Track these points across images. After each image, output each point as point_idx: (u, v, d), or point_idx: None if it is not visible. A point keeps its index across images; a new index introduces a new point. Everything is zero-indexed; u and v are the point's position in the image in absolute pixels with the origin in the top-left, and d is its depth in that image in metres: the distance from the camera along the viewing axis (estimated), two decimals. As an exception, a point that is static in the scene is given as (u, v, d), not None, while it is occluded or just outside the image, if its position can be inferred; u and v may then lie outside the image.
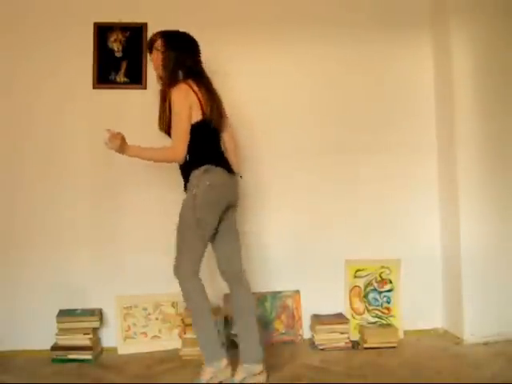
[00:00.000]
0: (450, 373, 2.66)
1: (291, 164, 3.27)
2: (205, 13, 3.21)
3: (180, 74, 2.53)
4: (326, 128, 3.30)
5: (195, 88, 2.50)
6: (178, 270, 2.51)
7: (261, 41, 3.25)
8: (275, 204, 3.24)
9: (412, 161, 3.34)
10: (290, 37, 3.26)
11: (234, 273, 2.62)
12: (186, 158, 2.51)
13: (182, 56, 2.55)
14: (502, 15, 3.17)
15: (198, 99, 2.49)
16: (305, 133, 3.28)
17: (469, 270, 3.08)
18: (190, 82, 2.51)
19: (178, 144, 2.46)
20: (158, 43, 2.58)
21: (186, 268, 2.49)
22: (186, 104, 2.46)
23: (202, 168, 2.46)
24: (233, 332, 2.93)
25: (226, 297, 3.14)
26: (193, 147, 2.52)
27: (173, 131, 2.47)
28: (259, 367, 2.54)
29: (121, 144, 2.44)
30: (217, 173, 2.49)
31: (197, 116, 2.49)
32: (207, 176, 2.45)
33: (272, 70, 3.24)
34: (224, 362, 2.50)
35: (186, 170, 2.53)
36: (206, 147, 2.54)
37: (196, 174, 2.47)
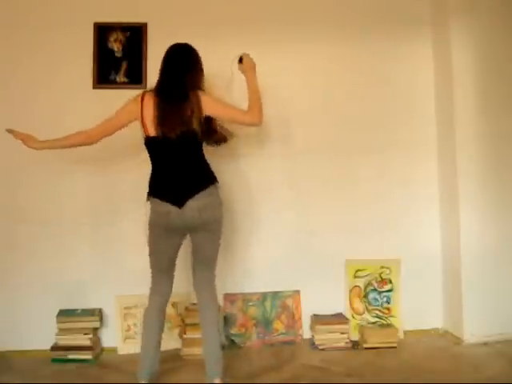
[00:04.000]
0: (450, 373, 2.67)
1: (290, 164, 3.27)
2: (204, 13, 3.21)
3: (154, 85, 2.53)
4: (326, 128, 3.30)
5: (147, 103, 2.44)
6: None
7: (260, 41, 3.23)
8: (275, 204, 3.24)
9: (412, 160, 3.34)
10: (289, 36, 3.26)
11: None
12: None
13: (161, 68, 2.53)
14: (502, 15, 3.17)
15: (141, 115, 2.45)
16: (304, 133, 3.28)
17: (469, 269, 3.08)
18: (151, 94, 2.47)
19: (94, 129, 2.56)
20: None
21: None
22: (126, 107, 2.51)
23: (149, 196, 2.50)
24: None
25: (226, 296, 3.15)
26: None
27: None
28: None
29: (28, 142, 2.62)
30: (155, 203, 2.47)
31: (142, 131, 2.50)
32: (151, 205, 2.50)
33: (270, 69, 3.22)
34: None
35: None
36: (153, 170, 2.52)
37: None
